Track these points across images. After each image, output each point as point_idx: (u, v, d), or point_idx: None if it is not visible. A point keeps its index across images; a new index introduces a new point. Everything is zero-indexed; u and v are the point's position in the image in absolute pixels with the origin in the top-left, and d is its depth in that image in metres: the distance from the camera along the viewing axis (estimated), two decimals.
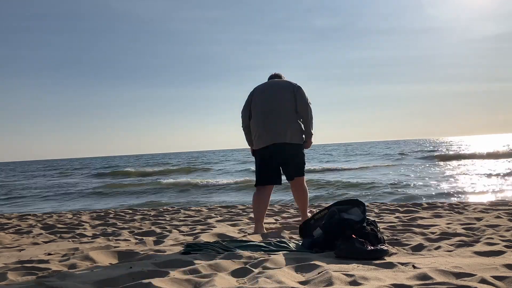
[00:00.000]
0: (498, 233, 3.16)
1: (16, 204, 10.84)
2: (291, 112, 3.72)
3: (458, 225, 3.68)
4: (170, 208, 6.72)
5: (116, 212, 6.40)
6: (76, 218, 5.73)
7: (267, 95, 3.78)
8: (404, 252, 2.62)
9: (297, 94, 3.74)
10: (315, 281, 1.91)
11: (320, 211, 3.16)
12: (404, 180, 11.08)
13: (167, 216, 5.49)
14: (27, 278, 2.21)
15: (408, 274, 1.96)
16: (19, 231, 4.59)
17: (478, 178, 10.95)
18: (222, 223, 4.50)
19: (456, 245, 2.78)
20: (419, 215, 4.51)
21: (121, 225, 4.84)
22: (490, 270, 2.01)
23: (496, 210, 4.61)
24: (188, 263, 2.36)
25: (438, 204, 5.46)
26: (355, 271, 2.03)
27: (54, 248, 3.29)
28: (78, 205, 9.71)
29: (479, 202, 5.91)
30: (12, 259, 2.83)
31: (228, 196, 10.23)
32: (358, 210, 2.87)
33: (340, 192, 9.36)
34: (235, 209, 6.00)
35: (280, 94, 3.75)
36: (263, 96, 3.80)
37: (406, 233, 3.30)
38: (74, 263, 2.50)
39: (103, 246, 3.21)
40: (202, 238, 3.35)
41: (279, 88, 3.81)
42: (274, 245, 2.90)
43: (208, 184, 13.29)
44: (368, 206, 5.54)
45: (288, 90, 3.76)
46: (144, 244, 3.28)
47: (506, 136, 79.63)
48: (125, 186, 14.32)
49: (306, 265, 2.23)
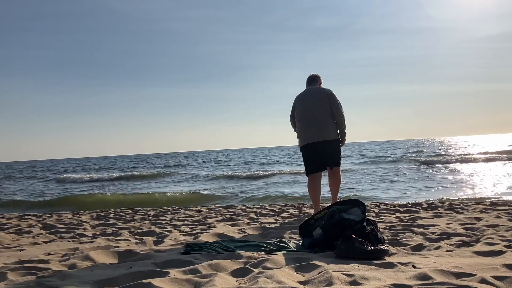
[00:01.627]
0: (498, 233, 3.16)
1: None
2: (327, 114, 4.47)
3: (458, 225, 3.68)
4: (170, 208, 6.72)
5: (116, 212, 6.40)
6: (76, 218, 5.73)
7: (306, 102, 4.59)
8: (404, 252, 2.62)
9: (331, 99, 4.49)
10: (315, 281, 1.91)
11: (320, 211, 3.16)
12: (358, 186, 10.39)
13: (167, 216, 5.49)
14: (27, 278, 2.21)
15: (408, 274, 1.96)
16: (19, 231, 4.59)
17: (477, 178, 10.95)
18: (222, 223, 4.50)
19: (456, 245, 2.78)
20: (419, 215, 4.51)
21: (121, 225, 4.83)
22: (490, 270, 2.01)
23: (496, 210, 4.61)
24: (188, 263, 2.36)
25: (438, 204, 5.46)
26: (355, 271, 2.03)
27: (54, 248, 3.29)
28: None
29: (479, 202, 5.91)
30: (12, 259, 2.83)
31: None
32: (358, 210, 2.87)
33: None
34: (235, 209, 6.00)
35: (317, 101, 4.51)
36: (303, 103, 4.61)
37: (406, 233, 3.29)
38: (74, 263, 2.50)
39: (103, 246, 3.21)
40: (202, 238, 3.35)
41: (315, 94, 4.57)
42: (274, 245, 2.90)
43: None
44: (368, 206, 5.54)
45: (323, 96, 4.50)
46: (144, 244, 3.28)
47: (506, 136, 79.60)
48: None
49: (306, 265, 2.23)
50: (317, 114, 4.48)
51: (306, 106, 4.56)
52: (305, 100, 4.61)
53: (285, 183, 12.23)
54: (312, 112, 4.50)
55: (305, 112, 4.55)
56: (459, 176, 11.60)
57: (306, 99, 4.61)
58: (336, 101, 4.49)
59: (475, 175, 11.71)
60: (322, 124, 4.46)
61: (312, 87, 4.76)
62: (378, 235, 2.72)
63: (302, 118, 4.58)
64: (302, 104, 4.62)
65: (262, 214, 5.16)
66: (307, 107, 4.55)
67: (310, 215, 4.45)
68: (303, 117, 4.57)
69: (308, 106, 4.55)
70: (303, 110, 4.58)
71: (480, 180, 10.40)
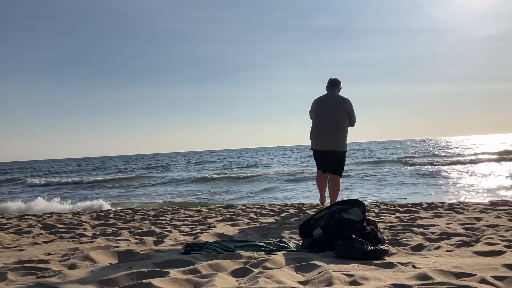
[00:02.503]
0: (498, 233, 3.16)
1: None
2: (341, 124, 4.93)
3: (458, 225, 3.68)
4: (170, 208, 6.72)
5: (116, 212, 6.39)
6: (76, 218, 5.73)
7: (323, 109, 5.00)
8: (404, 252, 2.62)
9: (348, 107, 4.99)
10: (315, 281, 1.91)
11: (320, 211, 3.16)
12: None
13: (167, 216, 5.49)
14: (27, 278, 2.21)
15: (408, 274, 1.96)
16: (19, 231, 4.59)
17: (477, 178, 10.95)
18: (222, 223, 4.50)
19: (456, 245, 2.78)
20: (419, 215, 4.50)
21: (121, 225, 4.83)
22: (490, 270, 2.01)
23: (496, 210, 4.61)
24: (188, 263, 2.36)
25: (438, 204, 5.46)
26: (355, 271, 2.03)
27: (54, 248, 3.29)
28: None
29: (479, 202, 5.91)
30: (12, 259, 2.83)
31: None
32: (358, 210, 2.87)
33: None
34: (235, 209, 6.00)
35: (334, 109, 4.94)
36: (321, 108, 5.03)
37: (406, 233, 3.29)
38: (74, 263, 2.50)
39: (103, 246, 3.21)
40: (202, 238, 3.35)
41: (333, 101, 5.02)
42: (274, 245, 2.90)
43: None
44: (368, 206, 5.53)
45: (340, 103, 4.97)
46: (144, 244, 3.28)
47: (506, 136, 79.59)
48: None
49: (306, 265, 2.23)
50: (331, 123, 4.90)
51: (323, 113, 4.98)
52: (323, 106, 5.02)
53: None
54: (327, 120, 4.93)
55: (321, 118, 4.98)
56: (459, 176, 11.60)
57: (323, 105, 5.03)
58: (353, 112, 5.06)
59: (475, 175, 11.71)
60: (333, 134, 4.90)
61: (332, 93, 5.15)
62: (378, 235, 2.72)
63: (316, 123, 5.02)
64: (320, 109, 5.02)
65: (262, 214, 5.16)
66: (324, 114, 4.97)
67: (310, 215, 4.45)
68: (318, 122, 5.01)
69: (324, 113, 4.97)
70: (320, 115, 5.00)
71: (480, 180, 10.41)
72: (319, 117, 5.03)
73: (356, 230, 2.67)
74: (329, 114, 4.95)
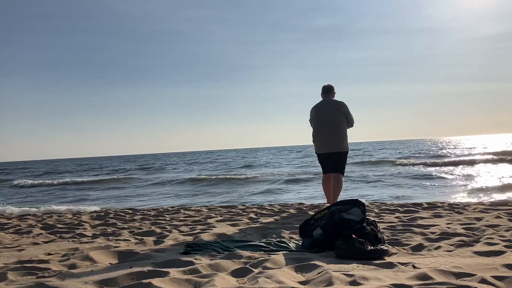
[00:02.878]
0: (498, 233, 3.16)
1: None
2: (339, 126, 5.21)
3: (458, 225, 3.68)
4: (170, 208, 6.71)
5: (116, 212, 6.39)
6: (76, 218, 5.73)
7: (321, 115, 5.31)
8: (404, 252, 2.62)
9: (344, 109, 5.27)
10: (315, 281, 1.91)
11: (320, 211, 3.16)
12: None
13: (167, 216, 5.49)
14: (27, 278, 2.21)
15: (408, 274, 1.96)
16: (19, 231, 4.59)
17: (477, 178, 10.96)
18: (222, 223, 4.50)
19: (456, 245, 2.78)
20: (419, 215, 4.50)
21: (121, 225, 4.83)
22: (490, 270, 2.01)
23: (496, 210, 4.61)
24: (188, 263, 2.36)
25: (438, 204, 5.46)
26: (355, 271, 2.03)
27: (54, 248, 3.29)
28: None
29: (479, 202, 5.91)
30: (12, 259, 2.83)
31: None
32: (358, 210, 2.87)
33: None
34: (235, 209, 6.00)
35: (331, 113, 5.25)
36: (318, 115, 5.33)
37: (406, 233, 3.29)
38: (74, 263, 2.50)
39: (103, 246, 3.21)
40: (202, 238, 3.35)
41: (329, 105, 5.33)
42: (274, 245, 2.90)
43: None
44: (368, 206, 5.54)
45: (336, 107, 5.26)
46: (144, 244, 3.28)
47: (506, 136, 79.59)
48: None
49: (306, 265, 2.23)
50: (329, 126, 5.21)
51: (321, 118, 5.28)
52: (320, 111, 5.33)
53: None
54: (325, 124, 5.24)
55: (320, 123, 5.30)
56: (459, 176, 11.60)
57: (320, 111, 5.34)
58: (350, 113, 5.33)
59: (475, 175, 11.71)
60: (332, 137, 5.20)
61: (327, 98, 5.44)
62: (378, 235, 2.72)
63: (316, 128, 5.35)
64: (318, 115, 5.33)
65: (262, 214, 5.16)
66: (322, 118, 5.28)
67: (310, 215, 4.45)
68: (317, 127, 5.34)
69: (322, 118, 5.27)
70: (319, 120, 5.31)
71: (480, 180, 10.41)
72: (318, 122, 5.33)
73: (356, 230, 2.67)
74: (327, 118, 5.25)
